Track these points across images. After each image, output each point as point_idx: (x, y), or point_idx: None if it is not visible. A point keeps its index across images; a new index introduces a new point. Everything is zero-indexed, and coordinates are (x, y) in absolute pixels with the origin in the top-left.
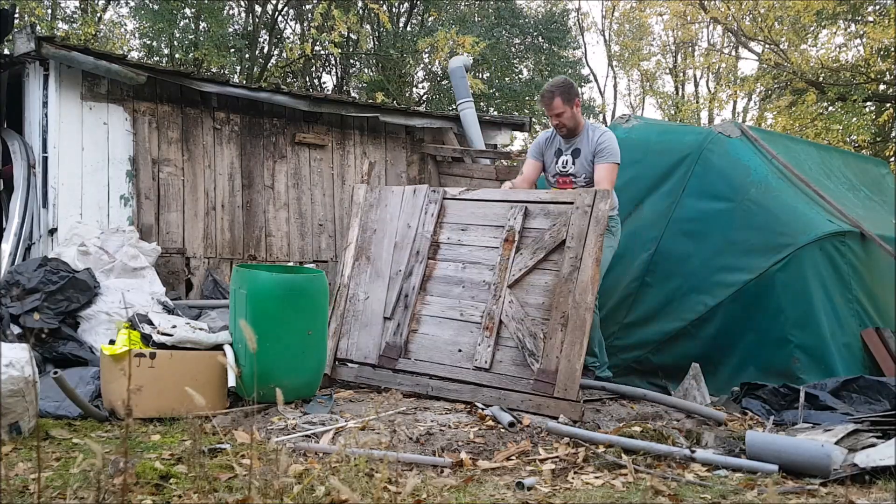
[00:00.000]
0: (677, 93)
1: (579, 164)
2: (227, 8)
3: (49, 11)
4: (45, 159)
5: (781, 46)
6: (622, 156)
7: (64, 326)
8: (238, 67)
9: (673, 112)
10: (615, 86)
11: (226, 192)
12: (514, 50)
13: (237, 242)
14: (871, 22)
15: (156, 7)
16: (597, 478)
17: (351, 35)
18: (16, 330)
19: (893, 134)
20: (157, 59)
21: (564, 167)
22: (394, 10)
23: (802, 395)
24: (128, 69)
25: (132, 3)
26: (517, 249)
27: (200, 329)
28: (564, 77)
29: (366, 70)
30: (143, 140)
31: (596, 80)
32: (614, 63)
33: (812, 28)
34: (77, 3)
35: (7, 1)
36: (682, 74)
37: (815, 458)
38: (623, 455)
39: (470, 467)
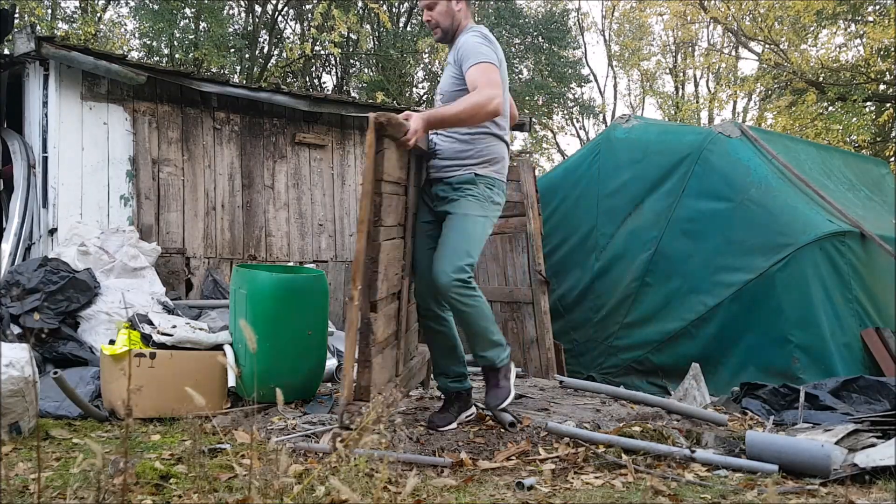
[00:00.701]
0: (677, 93)
1: (443, 80)
2: (227, 8)
3: (49, 11)
4: (45, 159)
5: (781, 46)
6: (622, 156)
7: (64, 326)
8: (238, 67)
9: (673, 112)
10: (615, 86)
11: (226, 192)
12: (514, 50)
13: (237, 242)
14: (871, 22)
15: (156, 7)
16: (597, 478)
17: (351, 35)
18: (16, 330)
19: (893, 134)
20: (157, 59)
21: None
22: (394, 10)
23: (802, 395)
24: (128, 69)
25: (132, 3)
26: None
27: (200, 329)
28: None
29: (366, 70)
30: (143, 140)
31: (596, 80)
32: (614, 63)
33: (812, 28)
34: (77, 3)
35: (7, 1)
36: (682, 74)
37: (815, 458)
38: (623, 455)
39: (470, 467)
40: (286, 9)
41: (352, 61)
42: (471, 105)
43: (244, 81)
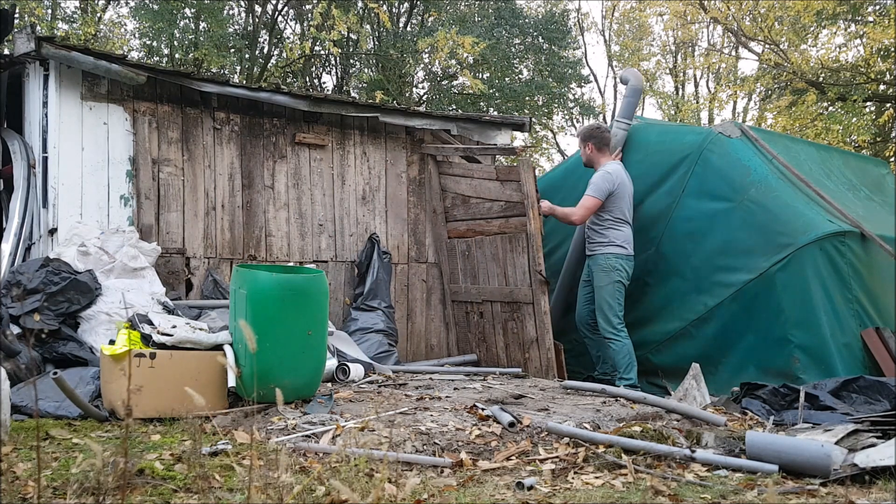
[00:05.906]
0: (677, 93)
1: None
2: (227, 8)
3: (49, 11)
4: (45, 159)
5: (781, 46)
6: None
7: (64, 327)
8: (238, 67)
9: (673, 112)
10: (615, 86)
11: (226, 192)
12: (514, 50)
13: (237, 242)
14: (871, 22)
15: (156, 7)
16: (597, 478)
17: (351, 35)
18: (15, 330)
19: (893, 134)
20: (157, 59)
21: None
22: (394, 10)
23: (802, 395)
24: (128, 69)
25: (132, 3)
26: None
27: (200, 329)
28: (598, 123)
29: (366, 70)
30: (143, 140)
31: (596, 80)
32: (614, 63)
33: (812, 28)
34: (77, 3)
35: (7, 1)
36: (682, 74)
37: (815, 458)
38: (623, 455)
39: (470, 467)
40: (286, 9)
41: (352, 61)
42: (564, 214)
43: (244, 81)
